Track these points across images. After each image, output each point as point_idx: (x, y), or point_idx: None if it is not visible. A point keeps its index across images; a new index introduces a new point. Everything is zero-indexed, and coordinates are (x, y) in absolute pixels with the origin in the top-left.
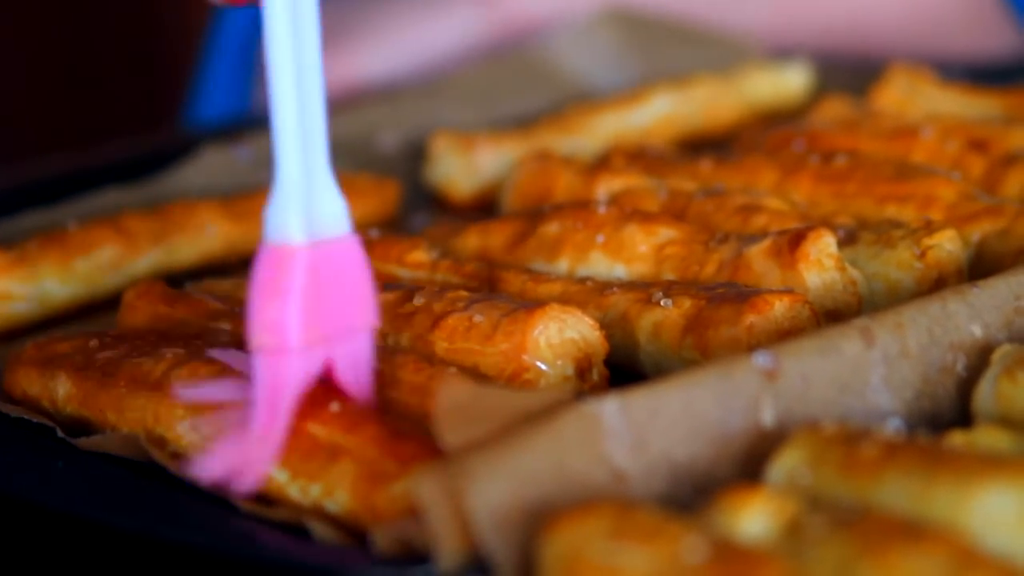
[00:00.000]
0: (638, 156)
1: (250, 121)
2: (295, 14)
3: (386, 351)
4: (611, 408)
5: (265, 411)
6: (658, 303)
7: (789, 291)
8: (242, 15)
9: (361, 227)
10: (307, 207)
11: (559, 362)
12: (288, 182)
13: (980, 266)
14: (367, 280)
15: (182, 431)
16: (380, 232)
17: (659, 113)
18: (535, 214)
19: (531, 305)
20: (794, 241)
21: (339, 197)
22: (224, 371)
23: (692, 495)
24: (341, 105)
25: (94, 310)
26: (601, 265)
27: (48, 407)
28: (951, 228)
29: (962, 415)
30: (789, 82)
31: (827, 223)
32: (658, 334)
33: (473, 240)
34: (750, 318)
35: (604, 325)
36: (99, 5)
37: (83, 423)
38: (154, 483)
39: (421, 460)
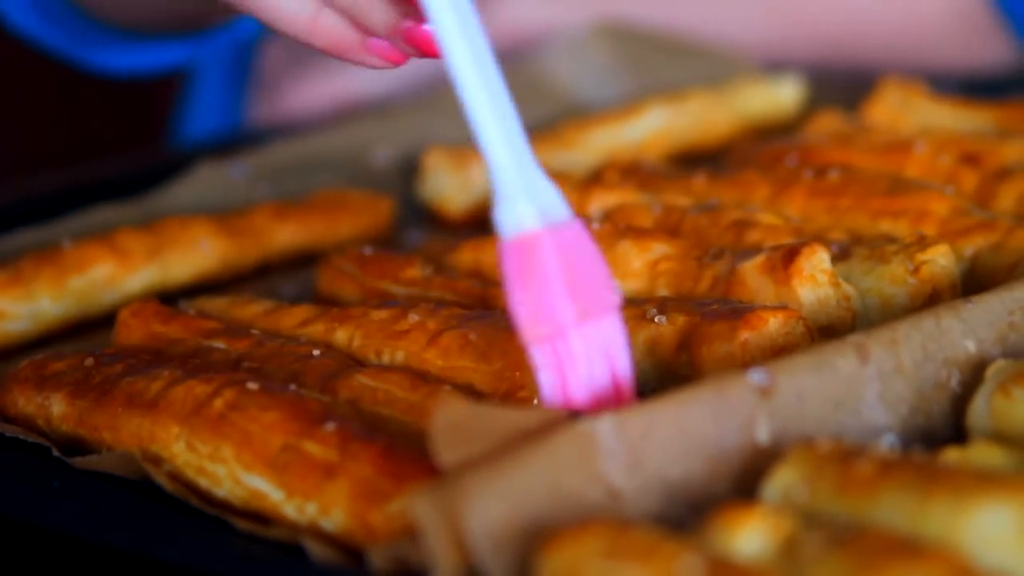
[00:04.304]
0: (632, 171)
1: (243, 137)
2: (462, 20)
3: (380, 369)
4: (606, 427)
5: (557, 401)
6: (652, 319)
7: (783, 307)
8: (231, 30)
9: (355, 244)
10: (530, 194)
11: None
12: (505, 174)
13: (973, 280)
14: (601, 259)
15: (177, 450)
16: (373, 249)
17: (652, 127)
18: None
19: None
20: (788, 257)
21: (550, 181)
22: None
23: (687, 513)
24: (334, 121)
25: (89, 328)
26: None
27: (43, 426)
28: (944, 243)
29: (956, 431)
30: (782, 96)
31: (821, 238)
32: (652, 350)
33: (467, 256)
34: (744, 334)
35: None
36: None
37: (78, 442)
38: (150, 503)
39: (417, 479)
